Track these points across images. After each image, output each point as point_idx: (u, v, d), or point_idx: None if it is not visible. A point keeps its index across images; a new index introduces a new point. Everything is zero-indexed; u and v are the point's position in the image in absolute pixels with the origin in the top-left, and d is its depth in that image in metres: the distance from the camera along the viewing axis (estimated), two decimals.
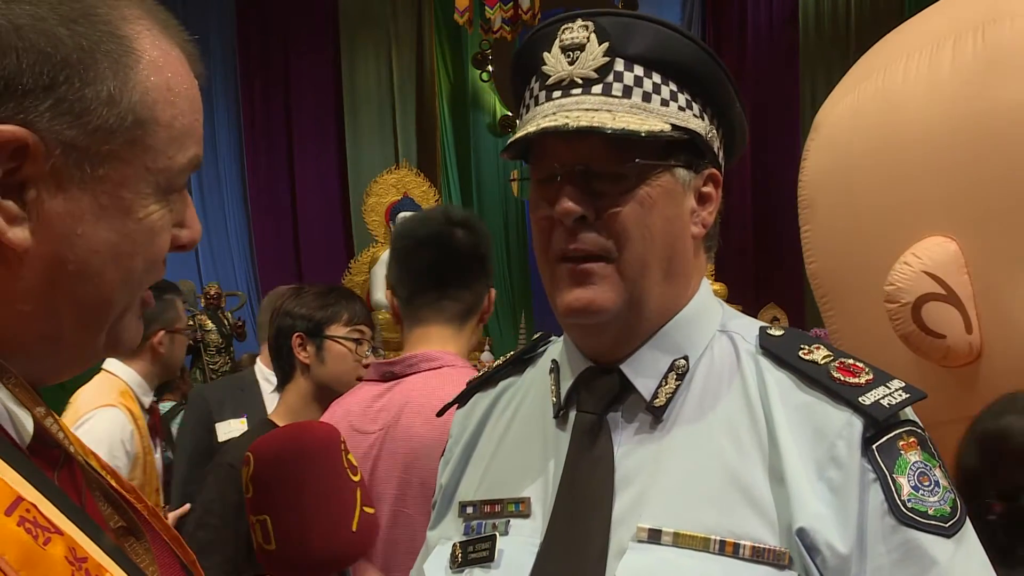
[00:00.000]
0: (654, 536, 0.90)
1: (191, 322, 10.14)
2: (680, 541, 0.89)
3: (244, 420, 3.08)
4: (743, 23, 13.42)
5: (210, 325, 10.14)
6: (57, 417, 0.78)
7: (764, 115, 13.27)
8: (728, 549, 0.88)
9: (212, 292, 10.33)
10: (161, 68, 0.75)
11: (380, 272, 9.82)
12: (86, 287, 0.73)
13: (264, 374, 3.16)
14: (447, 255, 1.83)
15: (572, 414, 1.01)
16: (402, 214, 9.89)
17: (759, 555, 0.87)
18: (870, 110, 1.34)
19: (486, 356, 8.87)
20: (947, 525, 0.89)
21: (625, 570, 0.89)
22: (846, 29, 13.43)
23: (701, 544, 0.88)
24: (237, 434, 2.79)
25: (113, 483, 0.81)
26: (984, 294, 1.19)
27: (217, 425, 3.12)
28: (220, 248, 12.95)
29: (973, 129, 1.18)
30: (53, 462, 0.75)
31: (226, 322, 10.33)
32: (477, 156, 13.78)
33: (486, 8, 9.36)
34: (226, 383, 3.49)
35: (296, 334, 2.21)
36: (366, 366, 2.16)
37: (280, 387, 2.29)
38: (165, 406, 5.38)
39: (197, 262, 12.74)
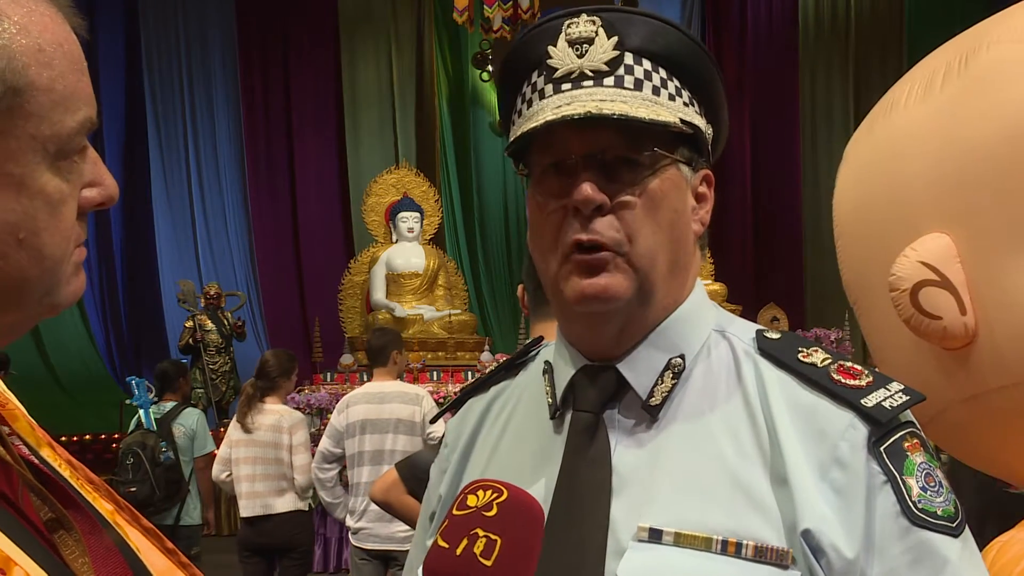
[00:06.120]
0: (655, 536, 0.89)
1: (191, 322, 10.16)
2: (682, 541, 0.88)
3: None
4: (743, 23, 13.43)
5: (210, 325, 10.14)
6: (3, 413, 0.75)
7: (764, 115, 13.26)
8: (731, 549, 0.87)
9: (212, 292, 10.33)
10: (27, 28, 0.68)
11: (380, 272, 9.81)
12: None
13: None
14: None
15: (568, 414, 1.00)
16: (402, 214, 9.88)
17: (762, 555, 0.87)
18: (881, 137, 1.54)
19: (486, 356, 8.85)
20: (954, 525, 0.90)
21: (626, 569, 0.89)
22: (846, 29, 13.42)
23: (703, 544, 0.88)
24: None
25: (67, 474, 0.79)
26: (976, 281, 1.32)
27: None
28: (220, 248, 12.96)
29: (958, 141, 1.35)
30: None
31: (226, 322, 10.33)
32: (477, 156, 13.77)
33: (485, 7, 9.36)
34: None
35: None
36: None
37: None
38: (166, 406, 5.37)
39: (197, 262, 12.76)
